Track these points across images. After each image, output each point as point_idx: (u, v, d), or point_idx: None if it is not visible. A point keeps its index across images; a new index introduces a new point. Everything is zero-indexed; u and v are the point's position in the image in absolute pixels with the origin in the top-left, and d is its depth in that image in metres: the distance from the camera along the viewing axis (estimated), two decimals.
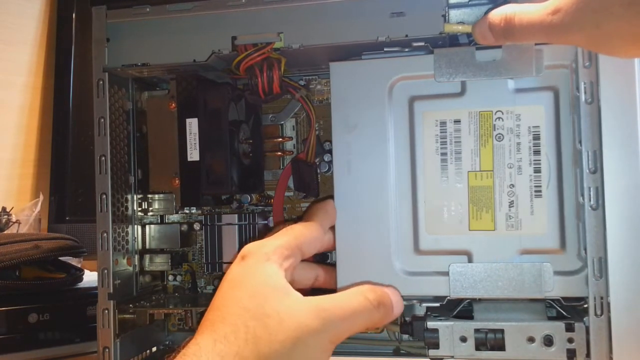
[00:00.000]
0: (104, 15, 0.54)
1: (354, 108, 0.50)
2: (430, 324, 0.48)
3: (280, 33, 0.50)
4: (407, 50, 0.49)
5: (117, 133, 0.56)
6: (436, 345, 0.48)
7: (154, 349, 0.62)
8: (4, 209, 0.93)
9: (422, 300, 0.49)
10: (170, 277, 0.63)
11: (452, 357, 0.48)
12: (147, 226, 0.61)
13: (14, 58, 1.00)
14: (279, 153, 0.60)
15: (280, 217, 0.58)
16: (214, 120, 0.53)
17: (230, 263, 0.58)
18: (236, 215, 0.59)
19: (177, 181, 0.55)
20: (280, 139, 0.60)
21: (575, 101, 0.46)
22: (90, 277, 0.73)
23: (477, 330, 0.47)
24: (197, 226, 0.61)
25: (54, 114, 1.00)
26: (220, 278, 0.62)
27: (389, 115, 0.49)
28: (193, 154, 0.53)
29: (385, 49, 0.50)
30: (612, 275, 0.44)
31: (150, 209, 0.61)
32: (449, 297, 0.48)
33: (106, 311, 0.54)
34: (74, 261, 0.76)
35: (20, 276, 0.66)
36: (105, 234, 0.54)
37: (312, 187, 0.55)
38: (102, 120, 0.54)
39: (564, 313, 0.48)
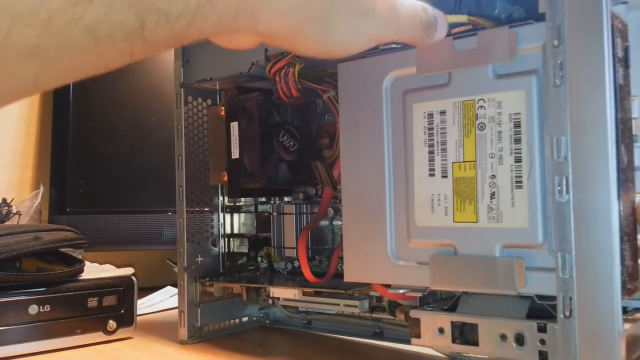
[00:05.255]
0: None
1: (357, 104, 0.53)
2: (413, 313, 0.49)
3: None
4: (400, 45, 0.51)
5: (191, 136, 0.68)
6: (418, 335, 0.48)
7: (245, 319, 0.73)
8: (4, 200, 0.90)
9: (413, 290, 0.50)
10: (259, 259, 0.73)
11: (432, 347, 0.48)
12: (234, 214, 0.73)
13: None
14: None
15: (324, 211, 0.63)
16: (248, 122, 0.61)
17: (290, 248, 0.67)
18: (294, 206, 0.66)
19: (225, 175, 0.65)
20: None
21: (545, 84, 0.42)
22: (90, 269, 0.72)
23: (453, 323, 0.47)
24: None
25: (54, 104, 0.97)
26: (291, 261, 0.70)
27: (386, 110, 0.51)
28: (235, 152, 0.62)
29: (380, 48, 0.52)
30: (579, 273, 0.40)
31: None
32: (429, 289, 0.48)
33: (182, 282, 0.66)
34: (75, 253, 0.73)
35: (21, 268, 0.64)
36: (181, 220, 0.66)
37: (332, 183, 0.60)
38: (179, 126, 0.66)
39: (551, 311, 0.44)
